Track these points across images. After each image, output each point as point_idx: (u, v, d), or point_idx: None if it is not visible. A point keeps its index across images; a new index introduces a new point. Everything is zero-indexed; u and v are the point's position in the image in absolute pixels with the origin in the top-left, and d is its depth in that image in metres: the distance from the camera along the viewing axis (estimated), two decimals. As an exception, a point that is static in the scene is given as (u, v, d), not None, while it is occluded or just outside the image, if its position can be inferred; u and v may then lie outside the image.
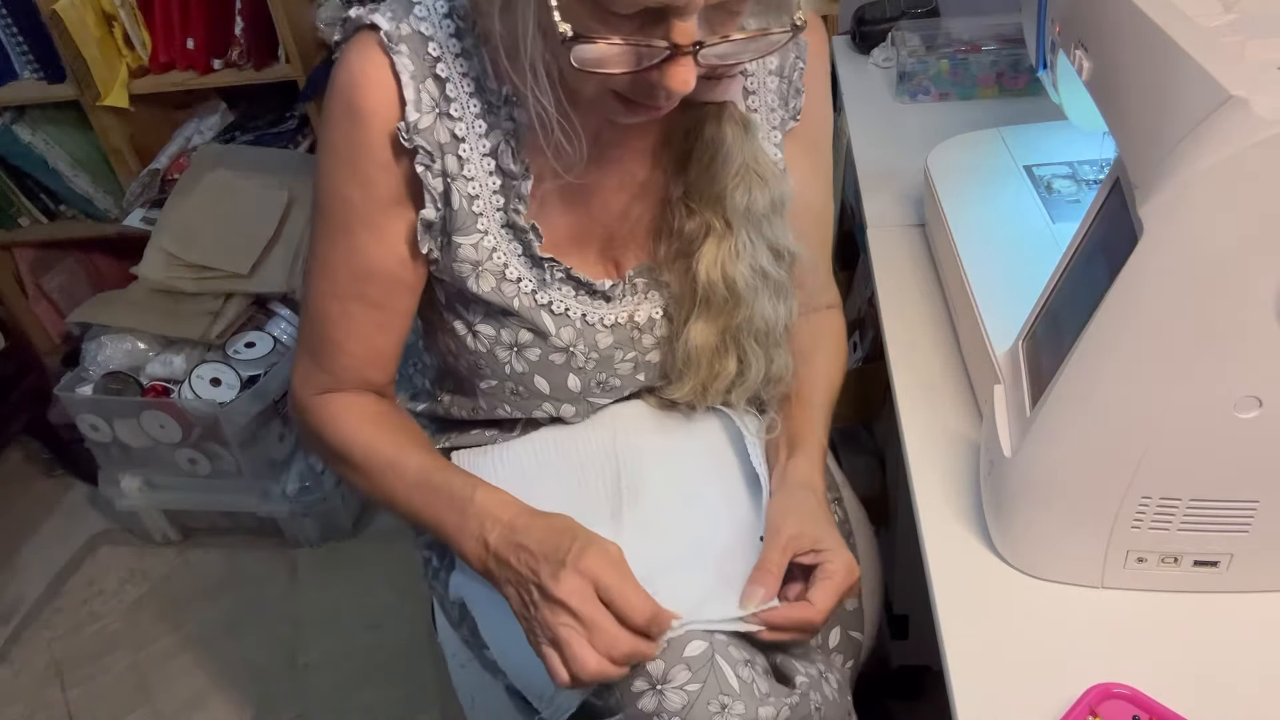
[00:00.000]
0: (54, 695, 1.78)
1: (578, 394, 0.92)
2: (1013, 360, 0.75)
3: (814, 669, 0.81)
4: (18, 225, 2.25)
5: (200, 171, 1.93)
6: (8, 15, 1.98)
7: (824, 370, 0.96)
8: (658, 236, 0.88)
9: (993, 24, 1.32)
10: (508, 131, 0.80)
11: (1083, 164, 0.98)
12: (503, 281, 0.84)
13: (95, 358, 1.84)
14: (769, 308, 0.86)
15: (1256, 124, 0.51)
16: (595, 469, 0.92)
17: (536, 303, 0.85)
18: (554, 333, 0.87)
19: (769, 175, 0.83)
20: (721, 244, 0.84)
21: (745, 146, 0.82)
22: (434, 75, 0.78)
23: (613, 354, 0.90)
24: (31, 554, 2.07)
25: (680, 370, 0.90)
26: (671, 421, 0.96)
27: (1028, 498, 0.68)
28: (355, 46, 0.78)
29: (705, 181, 0.83)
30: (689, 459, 0.93)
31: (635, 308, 0.89)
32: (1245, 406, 0.59)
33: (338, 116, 0.79)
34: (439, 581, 0.99)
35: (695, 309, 0.87)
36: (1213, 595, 0.68)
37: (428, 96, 0.78)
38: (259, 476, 1.88)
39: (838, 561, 0.79)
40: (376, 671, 1.73)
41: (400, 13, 0.78)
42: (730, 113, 0.81)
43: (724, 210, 0.83)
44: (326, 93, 0.80)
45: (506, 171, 0.81)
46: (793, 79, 0.89)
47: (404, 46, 0.76)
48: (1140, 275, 0.58)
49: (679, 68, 0.66)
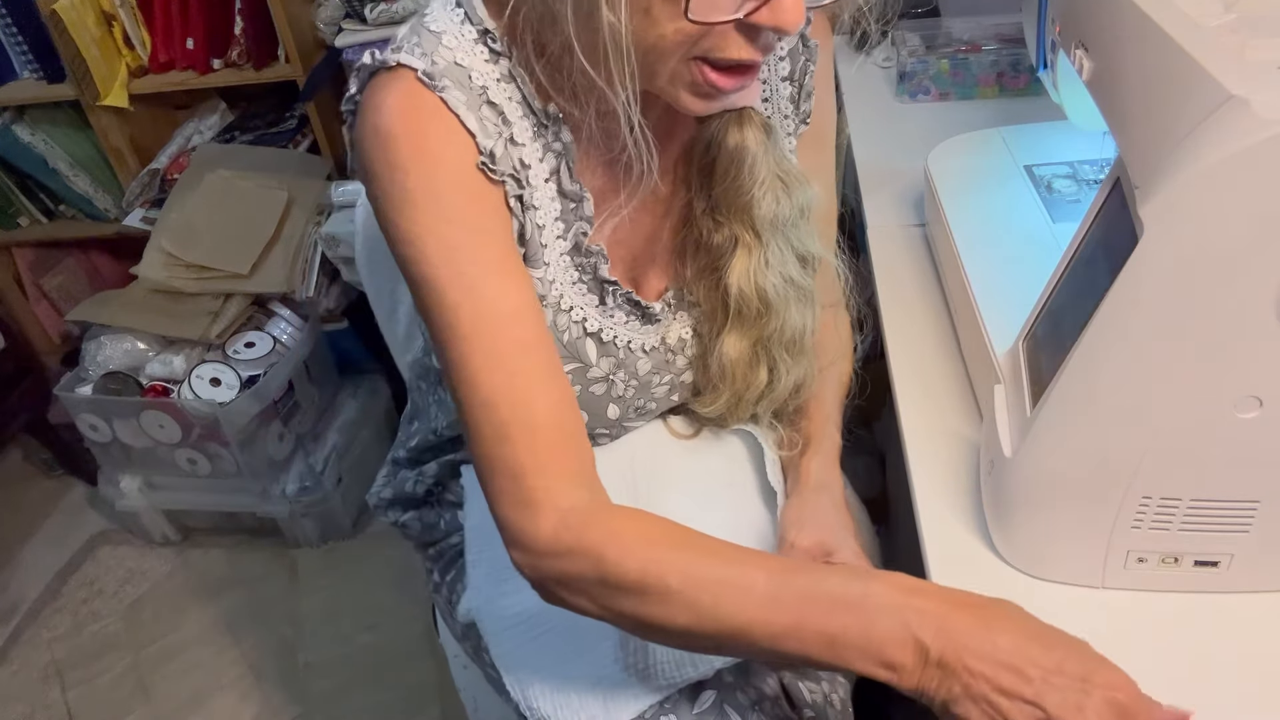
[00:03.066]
0: (54, 695, 1.78)
1: (615, 420, 0.90)
2: (1013, 360, 0.75)
3: (821, 687, 0.81)
4: (17, 225, 2.25)
5: (200, 171, 1.93)
6: (7, 15, 1.98)
7: (833, 367, 0.95)
8: (681, 256, 0.86)
9: (993, 24, 1.32)
10: (559, 152, 0.75)
11: (1083, 164, 0.98)
12: (557, 314, 0.80)
13: (95, 358, 1.84)
14: (797, 315, 0.85)
15: (1256, 124, 0.51)
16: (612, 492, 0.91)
17: (585, 331, 0.82)
18: (594, 363, 0.84)
19: (793, 181, 0.82)
20: (751, 255, 0.82)
21: (770, 153, 0.80)
22: (488, 102, 0.71)
23: (651, 379, 0.89)
24: (31, 554, 2.07)
25: (715, 385, 0.89)
26: (688, 444, 0.96)
27: (1028, 498, 0.68)
28: (392, 91, 0.68)
29: (732, 193, 0.80)
30: (706, 477, 0.93)
31: (667, 329, 0.88)
32: (1245, 406, 0.59)
33: (406, 165, 0.67)
34: (440, 596, 0.98)
35: (728, 322, 0.85)
36: (1213, 595, 0.67)
37: (490, 124, 0.71)
38: (259, 476, 1.88)
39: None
40: (376, 671, 1.73)
41: (428, 47, 0.70)
42: (751, 118, 0.79)
43: (752, 221, 0.81)
44: (370, 143, 0.68)
45: (567, 194, 0.77)
46: (804, 83, 0.87)
47: (447, 80, 0.69)
48: (1140, 275, 0.57)
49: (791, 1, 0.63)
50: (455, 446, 0.99)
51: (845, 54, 1.49)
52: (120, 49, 1.98)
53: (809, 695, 0.80)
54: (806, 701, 0.79)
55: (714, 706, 0.78)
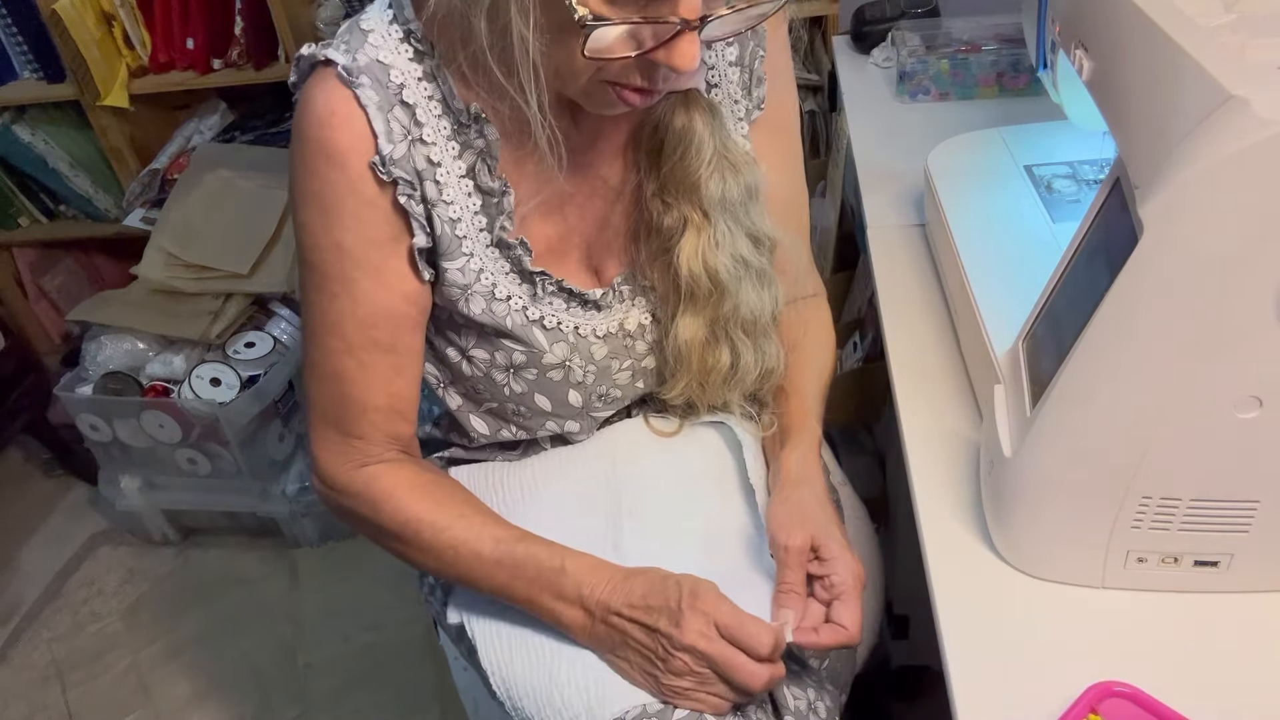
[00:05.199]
0: (54, 695, 1.78)
1: (580, 409, 0.91)
2: (1013, 360, 0.75)
3: (807, 694, 0.81)
4: (18, 225, 2.25)
5: (200, 171, 1.93)
6: (8, 15, 1.98)
7: (813, 359, 0.95)
8: (635, 240, 0.88)
9: (993, 24, 1.32)
10: (481, 150, 0.79)
11: (1083, 164, 0.98)
12: (493, 301, 0.83)
13: (95, 358, 1.84)
14: (754, 296, 0.86)
15: (1256, 124, 0.51)
16: (595, 496, 0.92)
17: (528, 319, 0.85)
18: (547, 349, 0.86)
19: (741, 163, 0.83)
20: (700, 235, 0.83)
21: (716, 134, 0.82)
22: (401, 102, 0.76)
23: (609, 364, 0.90)
24: (31, 554, 2.07)
25: (674, 369, 0.90)
26: (669, 443, 0.96)
27: (1028, 498, 0.68)
28: (314, 86, 0.76)
29: (680, 173, 0.82)
30: (687, 476, 0.93)
31: (625, 315, 0.89)
32: (1245, 406, 0.59)
33: (312, 162, 0.76)
34: (435, 599, 0.99)
35: (681, 304, 0.86)
36: (1213, 595, 0.67)
37: (398, 125, 0.76)
38: (259, 476, 1.88)
39: (842, 571, 0.78)
40: (376, 671, 1.73)
41: (354, 44, 0.76)
42: (697, 100, 0.81)
43: (700, 200, 0.83)
44: (293, 139, 0.77)
45: (485, 190, 0.80)
46: (754, 68, 0.88)
47: (364, 78, 0.75)
48: (1140, 275, 0.58)
49: (686, 44, 0.66)
50: (444, 445, 1.00)
51: (846, 54, 1.50)
52: (120, 49, 1.98)
53: (793, 702, 0.80)
54: (790, 709, 0.79)
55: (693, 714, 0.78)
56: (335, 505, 0.88)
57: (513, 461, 0.97)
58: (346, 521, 0.89)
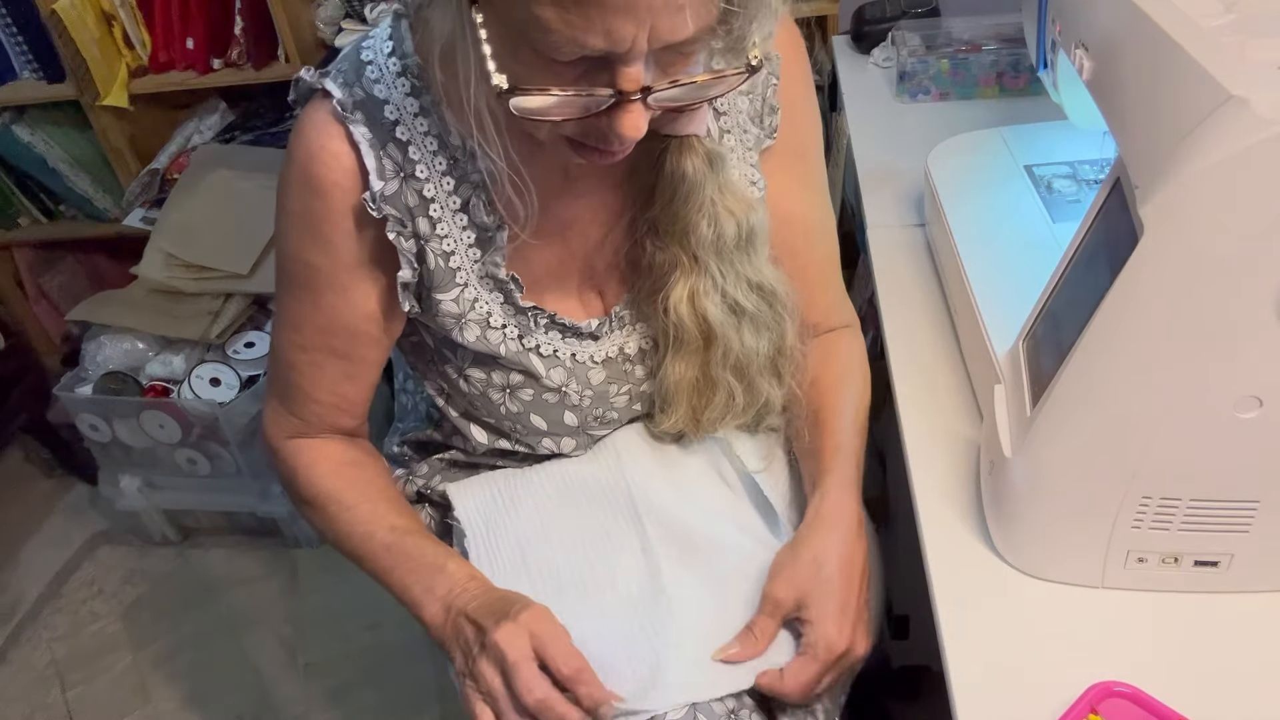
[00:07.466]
0: (54, 695, 1.78)
1: (576, 428, 0.91)
2: (1013, 360, 0.75)
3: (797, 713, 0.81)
4: (17, 225, 2.24)
5: (200, 171, 1.93)
6: (8, 15, 1.97)
7: (846, 396, 0.91)
8: (636, 268, 0.86)
9: (993, 24, 1.32)
10: (476, 184, 0.78)
11: (1083, 164, 0.98)
12: (487, 330, 0.83)
13: (95, 357, 1.84)
14: (749, 340, 0.84)
15: (1256, 124, 0.51)
16: (609, 501, 0.91)
17: (524, 347, 0.84)
18: (544, 374, 0.85)
19: (737, 208, 0.80)
20: (688, 280, 0.81)
21: (710, 180, 0.78)
22: (394, 139, 0.76)
23: (607, 389, 0.89)
24: (31, 554, 2.07)
25: (663, 405, 0.89)
26: (670, 444, 0.95)
27: (1028, 498, 0.68)
28: (310, 115, 0.76)
29: (669, 216, 0.80)
30: (694, 476, 0.92)
31: (625, 340, 0.88)
32: (1245, 406, 0.59)
33: (296, 187, 0.78)
34: None
35: (669, 346, 0.85)
36: (1213, 595, 0.68)
37: (390, 162, 0.76)
38: (259, 476, 1.88)
39: (816, 635, 0.77)
40: (376, 671, 1.73)
41: (352, 77, 0.76)
42: (694, 146, 0.77)
43: (690, 245, 0.80)
44: (286, 155, 0.79)
45: (480, 225, 0.79)
46: (766, 96, 0.85)
47: (359, 114, 0.75)
48: (1140, 275, 0.58)
49: (628, 114, 0.63)
50: (445, 446, 0.99)
51: (846, 54, 1.50)
52: (120, 49, 1.98)
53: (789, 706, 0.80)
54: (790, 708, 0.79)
55: (688, 714, 0.77)
56: (271, 464, 0.95)
57: (517, 478, 0.95)
58: (281, 483, 0.95)
